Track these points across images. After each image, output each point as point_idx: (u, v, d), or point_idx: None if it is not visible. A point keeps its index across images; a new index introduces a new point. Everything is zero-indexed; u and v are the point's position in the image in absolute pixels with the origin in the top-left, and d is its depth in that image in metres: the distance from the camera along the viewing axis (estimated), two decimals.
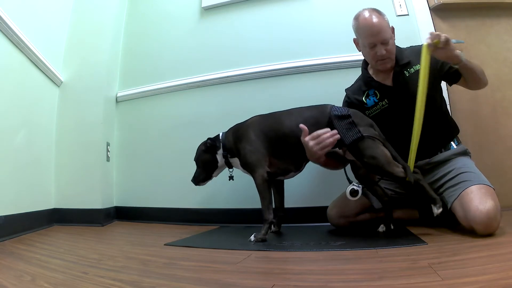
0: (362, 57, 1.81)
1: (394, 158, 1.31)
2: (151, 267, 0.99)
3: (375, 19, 1.34)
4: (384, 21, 1.35)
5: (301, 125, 1.30)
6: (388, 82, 1.43)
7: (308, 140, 1.28)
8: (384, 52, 1.35)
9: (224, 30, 2.16)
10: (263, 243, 1.29)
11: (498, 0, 1.86)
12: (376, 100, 1.45)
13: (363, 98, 1.48)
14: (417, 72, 1.34)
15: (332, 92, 1.82)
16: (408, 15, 1.90)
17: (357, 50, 1.49)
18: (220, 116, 2.01)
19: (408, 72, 1.39)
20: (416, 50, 1.38)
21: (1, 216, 1.44)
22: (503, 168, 1.74)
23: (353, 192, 1.31)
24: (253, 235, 1.33)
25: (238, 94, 2.04)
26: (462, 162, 1.35)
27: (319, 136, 1.27)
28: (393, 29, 1.40)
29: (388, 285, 0.72)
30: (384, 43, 1.34)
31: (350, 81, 1.67)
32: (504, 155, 1.76)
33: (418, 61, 1.34)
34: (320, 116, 1.37)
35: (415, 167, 1.43)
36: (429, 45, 1.21)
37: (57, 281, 0.84)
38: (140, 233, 1.78)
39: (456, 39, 1.81)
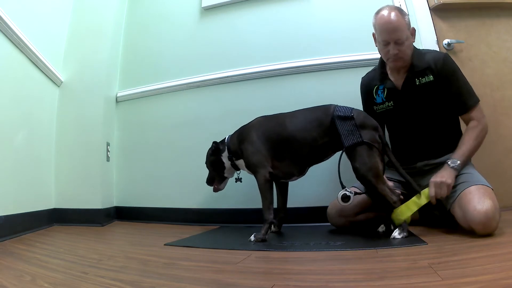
0: (361, 57, 1.83)
1: (393, 165, 1.31)
2: (151, 267, 0.99)
3: (393, 17, 1.31)
4: (403, 20, 1.32)
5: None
6: (399, 84, 1.41)
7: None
8: (396, 52, 1.32)
9: (224, 30, 2.16)
10: (263, 243, 1.29)
11: (498, 0, 1.86)
12: (384, 99, 1.45)
13: (373, 93, 1.48)
14: (428, 83, 1.34)
15: (332, 92, 1.83)
16: (408, 15, 1.89)
17: (374, 46, 1.45)
18: (220, 116, 2.02)
19: (419, 81, 1.36)
20: (434, 59, 1.35)
21: (1, 216, 1.44)
22: (502, 168, 1.73)
23: (345, 198, 1.30)
24: (253, 235, 1.33)
25: (238, 94, 2.04)
26: None
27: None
28: (413, 30, 1.37)
29: (388, 285, 0.72)
30: (398, 43, 1.31)
31: (350, 81, 1.67)
32: (504, 155, 1.76)
33: (431, 72, 1.33)
34: (323, 117, 1.38)
35: (414, 170, 1.43)
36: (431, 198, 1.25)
37: (57, 281, 0.84)
38: (140, 233, 1.78)
39: (456, 39, 1.83)
